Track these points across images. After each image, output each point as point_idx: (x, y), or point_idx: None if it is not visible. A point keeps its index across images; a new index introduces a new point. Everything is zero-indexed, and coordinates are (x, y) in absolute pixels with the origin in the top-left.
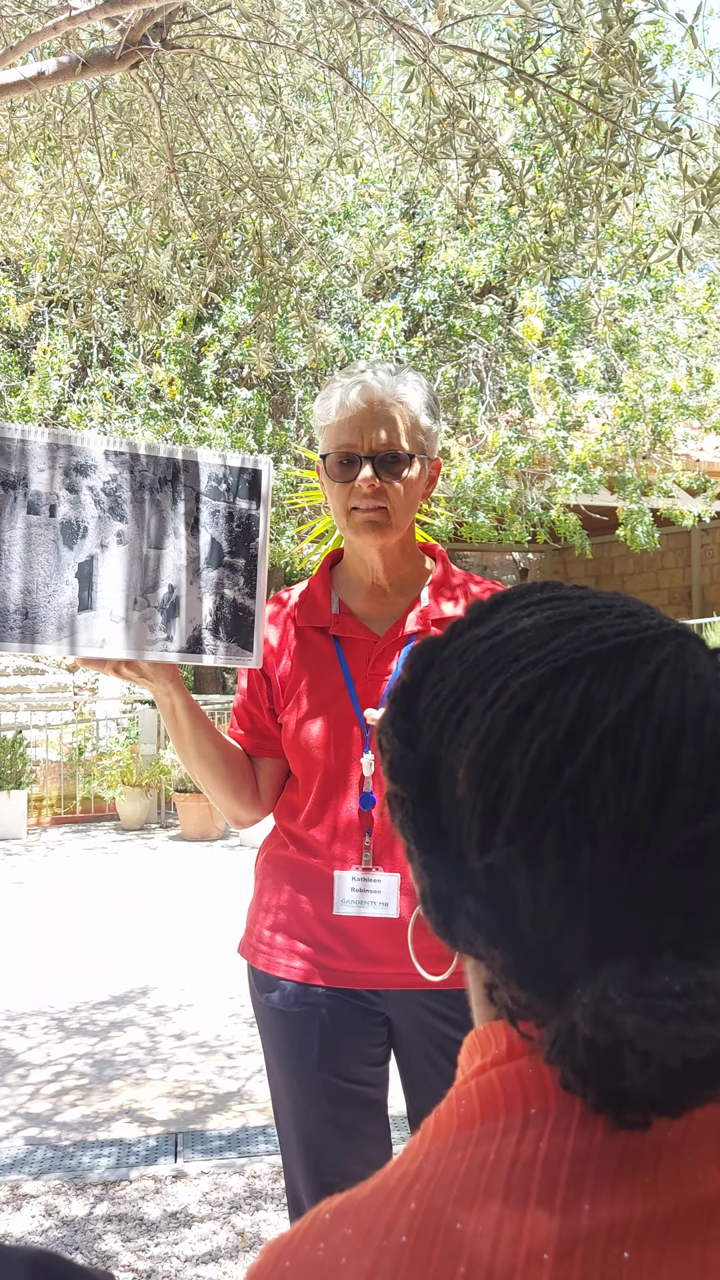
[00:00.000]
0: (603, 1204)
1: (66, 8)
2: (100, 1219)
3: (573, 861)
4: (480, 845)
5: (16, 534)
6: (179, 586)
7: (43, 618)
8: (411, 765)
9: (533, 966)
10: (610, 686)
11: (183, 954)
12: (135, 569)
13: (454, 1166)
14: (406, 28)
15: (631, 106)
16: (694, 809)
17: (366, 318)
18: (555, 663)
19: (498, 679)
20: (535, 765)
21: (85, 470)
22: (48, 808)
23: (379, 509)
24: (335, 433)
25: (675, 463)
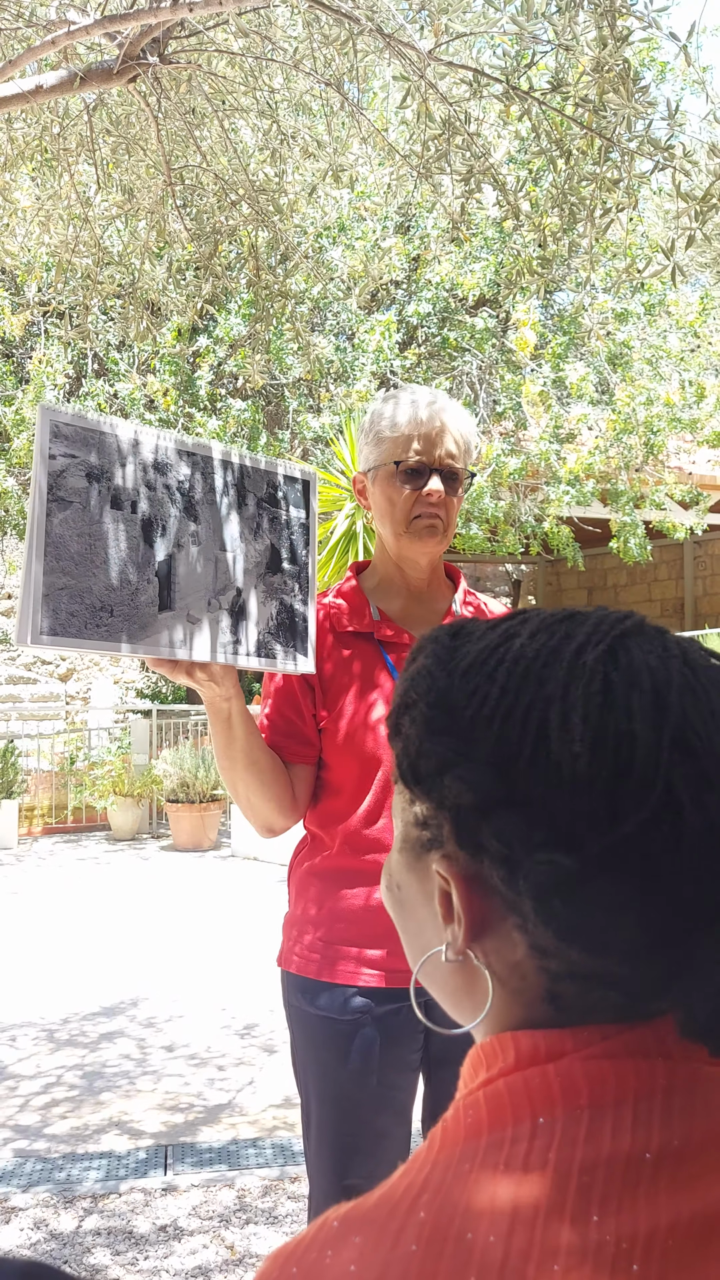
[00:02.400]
0: (610, 1215)
1: (66, 22)
2: (89, 1232)
3: (698, 807)
4: (610, 818)
5: (100, 529)
6: (245, 590)
7: (126, 616)
8: (480, 778)
9: (643, 943)
10: (653, 648)
11: (174, 965)
12: (208, 571)
13: (462, 1177)
14: (402, 44)
15: (626, 123)
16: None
17: (361, 330)
18: (601, 642)
19: (557, 665)
20: (642, 725)
21: (163, 468)
22: (39, 817)
23: (437, 518)
24: (406, 442)
25: (668, 475)
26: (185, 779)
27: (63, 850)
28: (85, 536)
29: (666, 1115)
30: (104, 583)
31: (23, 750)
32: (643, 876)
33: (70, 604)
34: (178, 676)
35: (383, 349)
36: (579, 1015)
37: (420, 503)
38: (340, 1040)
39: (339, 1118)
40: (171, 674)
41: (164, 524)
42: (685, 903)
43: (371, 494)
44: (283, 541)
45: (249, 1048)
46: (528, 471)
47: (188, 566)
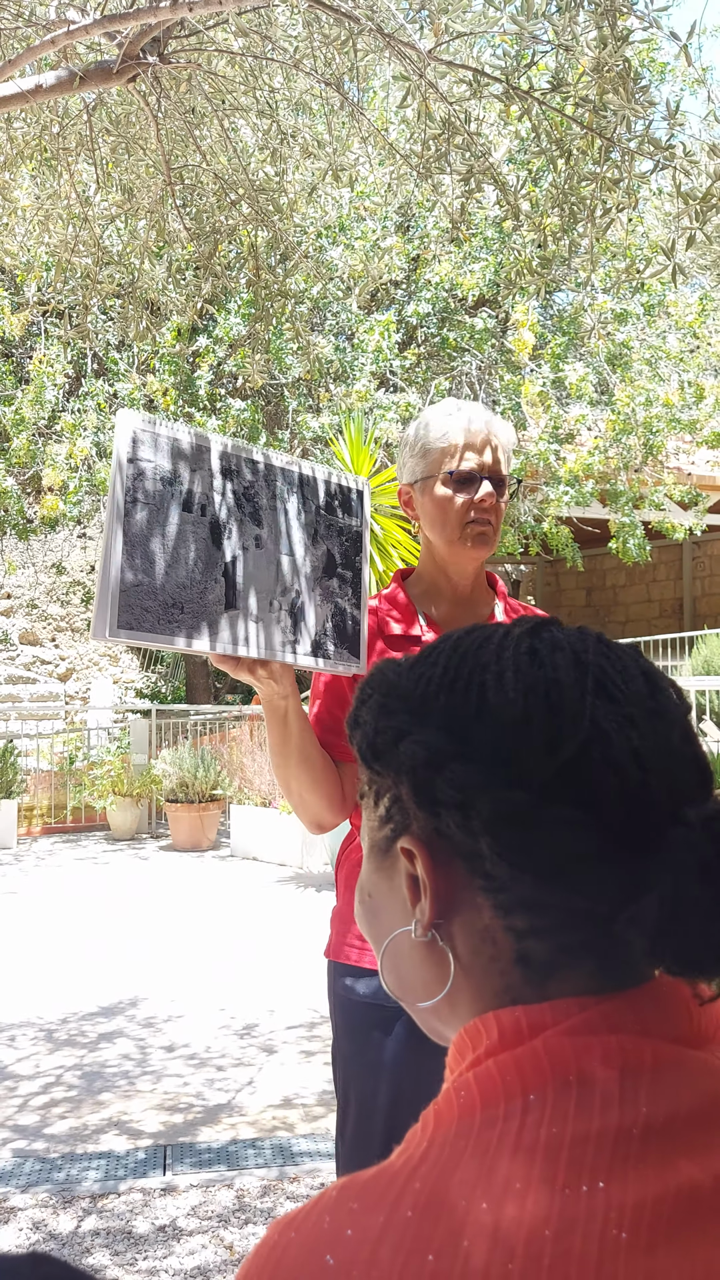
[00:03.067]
0: (599, 1187)
1: (65, 22)
2: (88, 1233)
3: (624, 739)
4: (548, 749)
5: (173, 530)
6: (304, 593)
7: (195, 613)
8: (430, 736)
9: (623, 833)
10: (568, 631)
11: (173, 965)
12: (270, 573)
13: (458, 1152)
14: (402, 44)
15: (626, 123)
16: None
17: (361, 330)
18: (524, 626)
19: (488, 645)
20: (566, 675)
21: (229, 474)
22: (38, 817)
23: (489, 524)
24: (458, 451)
25: (667, 476)
26: (184, 779)
27: (62, 850)
28: (159, 537)
29: (653, 1091)
30: (175, 581)
31: (22, 750)
32: (583, 802)
33: (144, 600)
34: (240, 673)
35: (382, 349)
36: (550, 972)
37: (475, 508)
38: (383, 1025)
39: (375, 1104)
40: (234, 671)
41: (230, 527)
42: (623, 824)
43: (420, 503)
44: (338, 547)
45: (248, 1048)
46: (527, 472)
47: (251, 568)
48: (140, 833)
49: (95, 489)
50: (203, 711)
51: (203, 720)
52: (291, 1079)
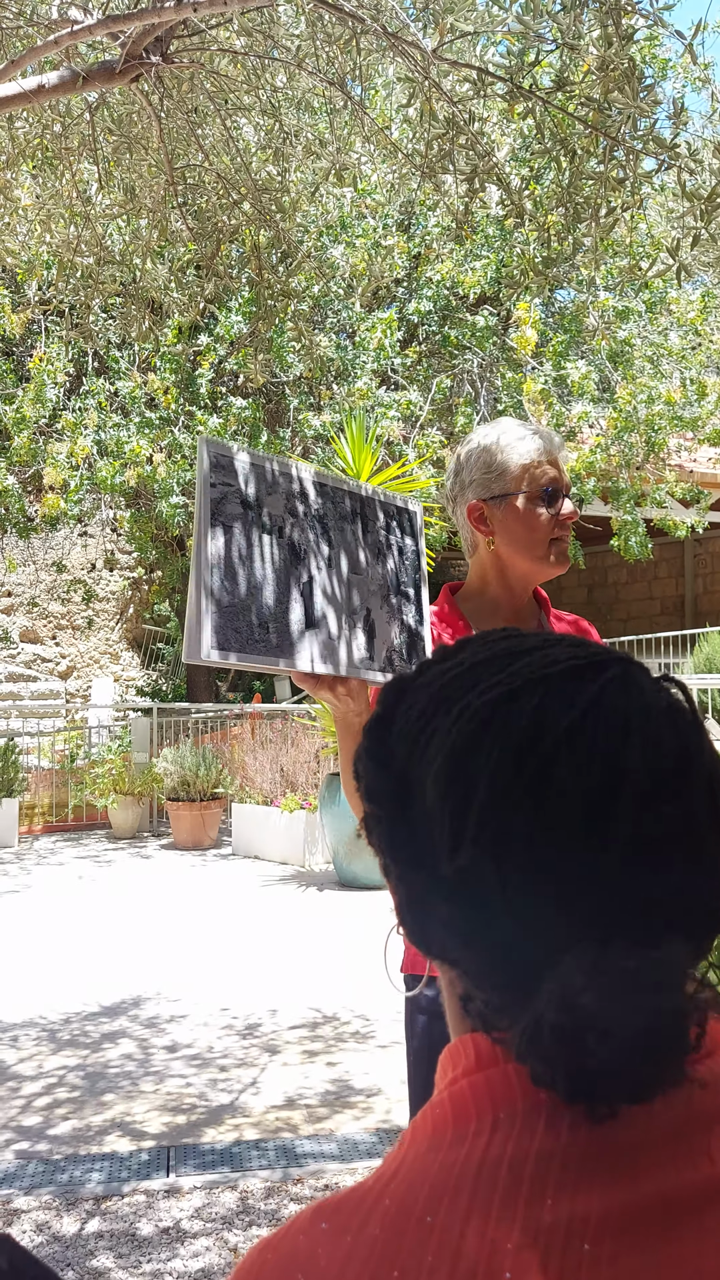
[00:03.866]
0: (564, 1200)
1: (69, 22)
2: (92, 1235)
3: (535, 858)
4: (451, 849)
5: (257, 551)
6: (373, 611)
7: (280, 633)
8: (385, 785)
9: (504, 966)
10: (562, 701)
11: (175, 965)
12: (343, 592)
13: (427, 1168)
14: (407, 43)
15: (630, 122)
16: (643, 802)
17: (362, 328)
18: (512, 684)
19: (461, 699)
20: (496, 770)
21: (303, 497)
22: (39, 815)
23: (567, 539)
24: (540, 468)
25: (669, 474)
26: (185, 777)
27: (63, 848)
28: (245, 559)
29: (620, 1111)
30: (260, 602)
31: (23, 748)
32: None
33: (234, 621)
34: (319, 691)
35: (384, 346)
36: (487, 1023)
37: (557, 524)
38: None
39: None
40: (314, 689)
41: (306, 548)
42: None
43: (500, 520)
44: (399, 566)
45: (251, 1048)
46: None
47: (327, 588)
48: (141, 831)
49: (96, 487)
50: (204, 710)
51: (204, 718)
52: (295, 1079)
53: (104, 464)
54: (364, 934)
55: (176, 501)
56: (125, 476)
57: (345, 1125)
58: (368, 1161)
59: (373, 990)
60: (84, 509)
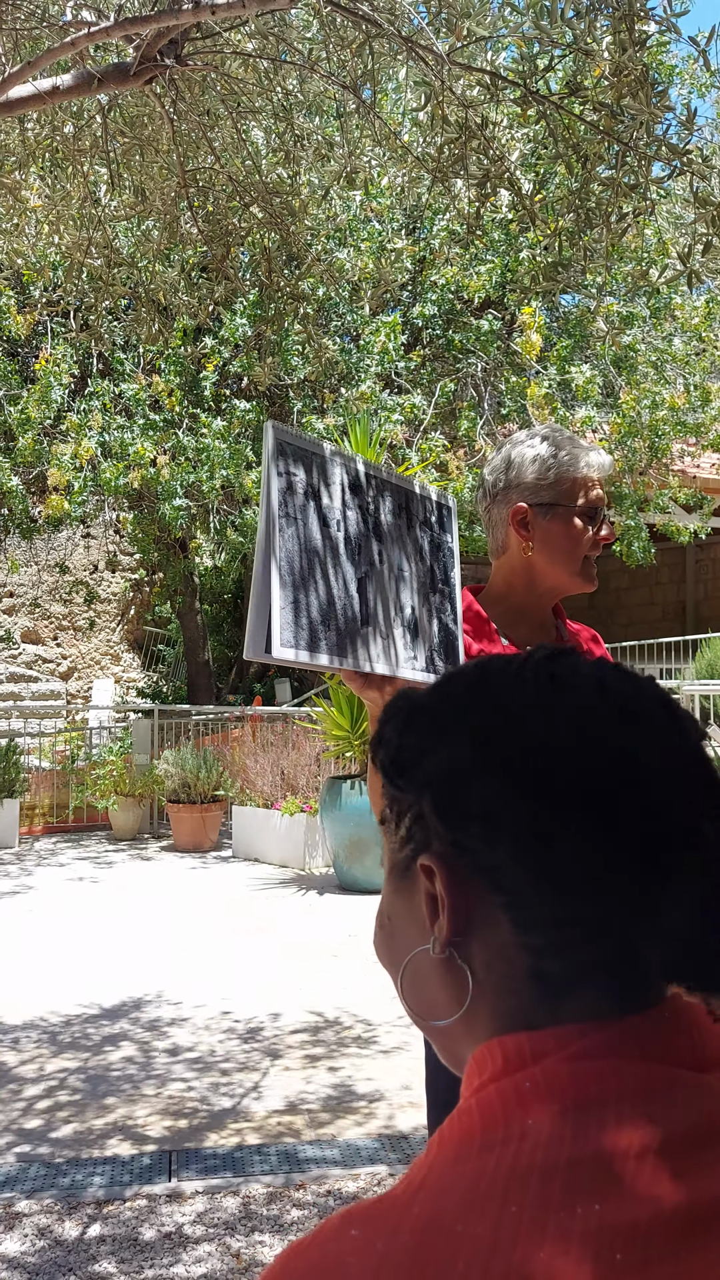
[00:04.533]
0: (595, 1208)
1: (84, 24)
2: (94, 1239)
3: (649, 758)
4: (572, 768)
5: (318, 546)
6: (417, 609)
7: (338, 630)
8: (457, 748)
9: (643, 851)
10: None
11: (175, 967)
12: (392, 589)
13: (456, 1177)
14: (421, 47)
15: (644, 128)
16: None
17: (366, 331)
18: (536, 654)
19: (506, 670)
20: (590, 699)
21: (356, 488)
22: (40, 816)
23: (593, 560)
24: (590, 484)
25: (672, 479)
26: (186, 779)
27: (64, 850)
28: (306, 553)
29: (650, 1114)
30: (322, 598)
31: (24, 749)
32: (604, 821)
33: (298, 618)
34: (367, 691)
35: (388, 350)
36: (565, 990)
37: (595, 545)
38: None
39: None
40: (362, 689)
41: (360, 543)
42: (642, 843)
43: (543, 528)
44: (438, 563)
45: (253, 1052)
46: None
47: (378, 584)
48: (142, 833)
49: (100, 489)
50: (204, 712)
51: (204, 720)
52: (297, 1084)
53: (108, 465)
54: (365, 938)
55: (179, 504)
56: (129, 478)
57: (348, 1130)
58: (370, 1167)
59: (374, 995)
60: (87, 510)
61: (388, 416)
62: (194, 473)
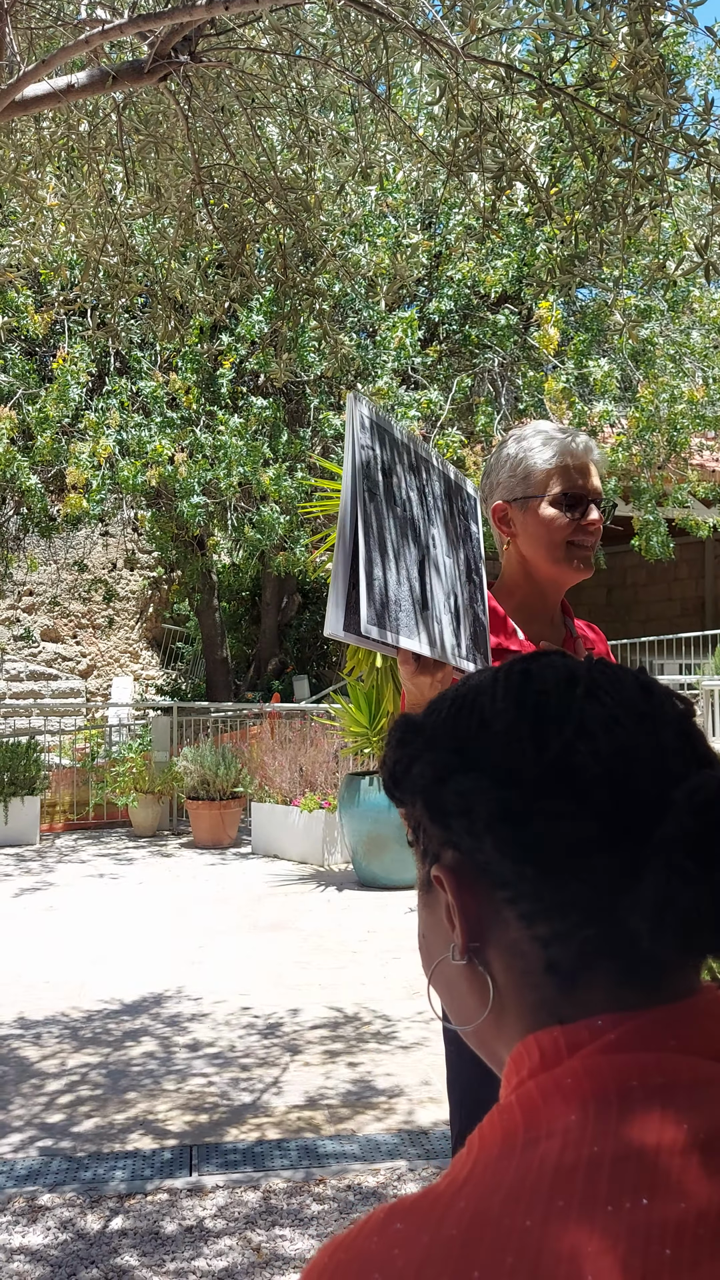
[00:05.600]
0: (642, 1203)
1: (98, 21)
2: (116, 1233)
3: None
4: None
5: (388, 524)
6: (460, 595)
7: (406, 610)
8: (439, 755)
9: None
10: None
11: (195, 963)
12: (444, 573)
13: (501, 1173)
14: (435, 41)
15: (661, 119)
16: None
17: (383, 327)
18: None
19: (486, 678)
20: (556, 686)
21: (418, 470)
22: (60, 813)
23: (591, 546)
24: (566, 473)
25: (691, 473)
26: (205, 776)
27: (84, 846)
28: (382, 531)
29: (692, 1108)
30: (396, 578)
31: (44, 746)
32: (573, 795)
33: (382, 595)
34: (418, 676)
35: (404, 346)
36: (577, 976)
37: (580, 530)
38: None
39: (476, 1071)
40: (414, 674)
41: (418, 526)
42: (613, 813)
43: (521, 522)
44: (472, 553)
45: (272, 1047)
46: None
47: (433, 567)
48: (162, 829)
49: (118, 487)
50: (223, 709)
51: (223, 717)
52: (316, 1079)
53: (125, 463)
54: (384, 934)
55: (197, 501)
56: (146, 476)
57: (368, 1126)
58: (390, 1162)
59: (394, 990)
60: (105, 508)
61: (404, 412)
62: (211, 470)
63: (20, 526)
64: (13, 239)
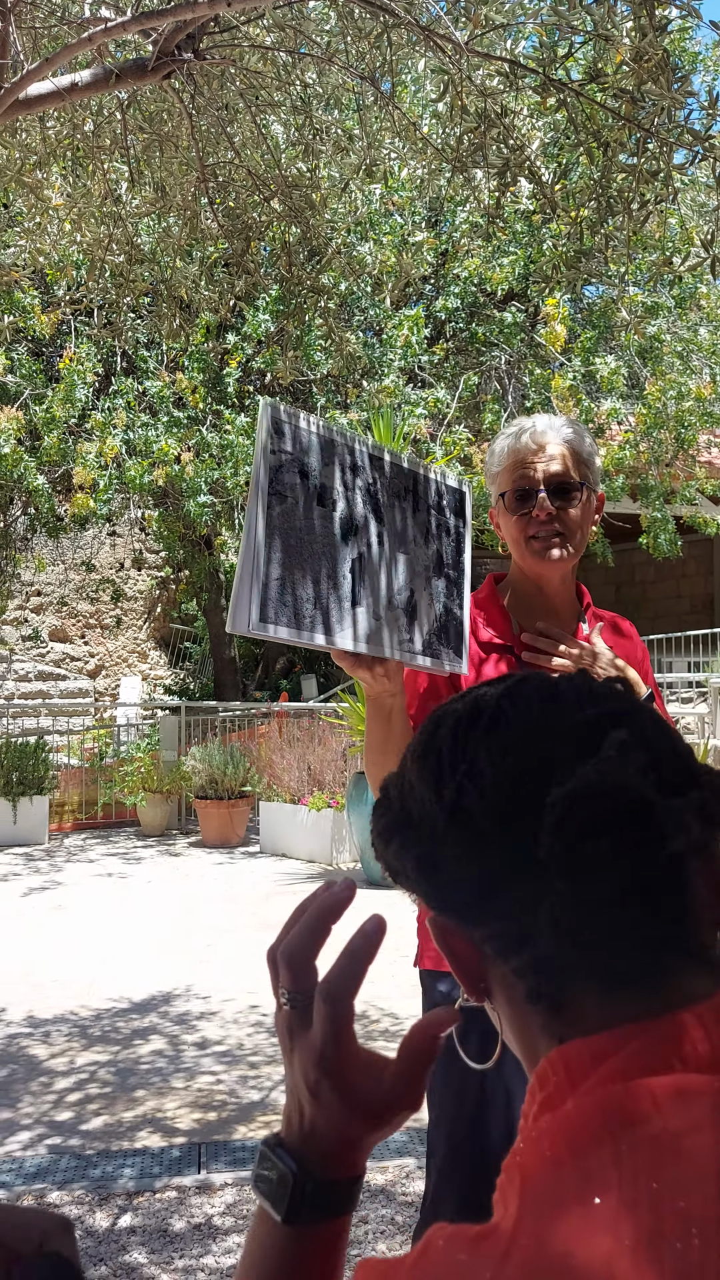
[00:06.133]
0: (712, 1243)
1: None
2: (124, 1230)
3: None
4: (435, 797)
5: (309, 524)
6: (417, 592)
7: (326, 609)
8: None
9: (511, 855)
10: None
11: (204, 961)
12: (390, 570)
13: (560, 1209)
14: (439, 37)
15: (666, 114)
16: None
17: (389, 326)
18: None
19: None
20: (448, 734)
21: (356, 469)
22: (69, 813)
23: (558, 534)
24: (509, 472)
25: (699, 470)
26: (214, 775)
27: (93, 845)
28: (297, 531)
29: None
30: (311, 576)
31: (53, 746)
32: (471, 835)
33: (284, 595)
34: (357, 671)
35: (411, 344)
36: (565, 999)
37: (532, 524)
38: (465, 1023)
39: (457, 1106)
40: (352, 668)
41: (357, 523)
42: (508, 845)
43: (499, 522)
44: (445, 547)
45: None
46: None
47: (374, 566)
48: (170, 829)
49: (125, 486)
50: (231, 708)
51: (231, 717)
52: None
53: (132, 463)
54: (391, 933)
55: (204, 500)
56: (153, 476)
57: None
58: (398, 1160)
59: (401, 989)
60: (112, 508)
61: (411, 411)
62: (218, 469)
63: (28, 527)
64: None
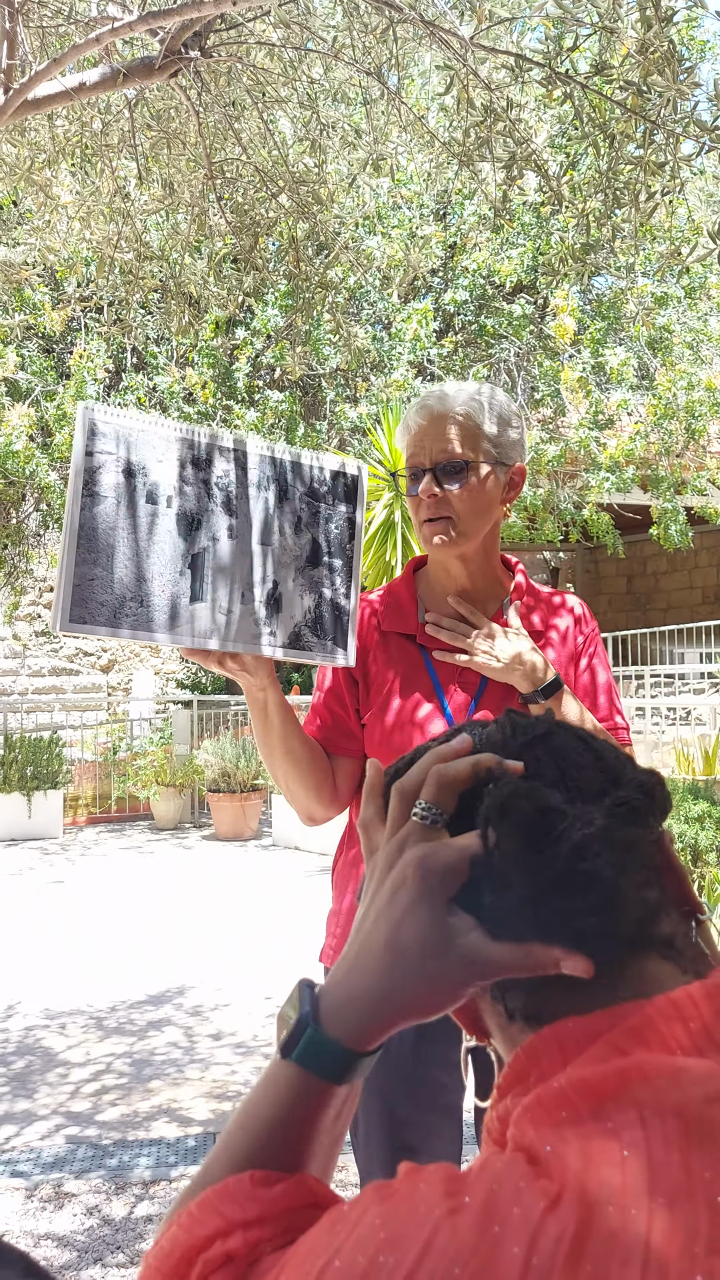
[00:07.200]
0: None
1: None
2: (141, 1218)
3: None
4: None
5: (136, 522)
6: (283, 583)
7: (157, 607)
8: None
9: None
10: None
11: (218, 954)
12: (244, 563)
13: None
14: (444, 31)
15: (671, 105)
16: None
17: (398, 319)
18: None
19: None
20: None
21: (200, 464)
22: (83, 807)
23: (444, 518)
24: (408, 450)
25: (709, 461)
26: (226, 769)
27: (107, 839)
28: (117, 530)
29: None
30: (134, 574)
31: (66, 741)
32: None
33: (100, 594)
34: (210, 665)
35: (419, 337)
36: (541, 1014)
37: (424, 507)
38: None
39: (385, 1113)
40: (205, 663)
41: (200, 518)
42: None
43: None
44: (326, 535)
45: None
46: (567, 458)
47: (223, 559)
48: (183, 822)
49: None
50: (243, 702)
51: (243, 710)
52: None
53: None
54: None
55: None
56: None
57: None
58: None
59: None
60: None
61: None
62: None
63: (40, 523)
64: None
